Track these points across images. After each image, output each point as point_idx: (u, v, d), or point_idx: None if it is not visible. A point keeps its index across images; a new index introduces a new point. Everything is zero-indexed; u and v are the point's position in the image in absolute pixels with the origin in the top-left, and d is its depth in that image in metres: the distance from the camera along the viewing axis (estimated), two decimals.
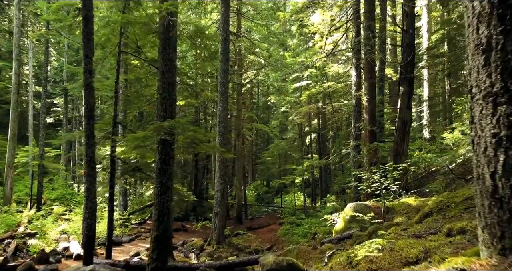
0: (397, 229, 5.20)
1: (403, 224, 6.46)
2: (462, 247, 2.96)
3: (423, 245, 3.34)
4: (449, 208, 5.33)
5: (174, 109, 7.09)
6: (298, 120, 25.51)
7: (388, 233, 5.03)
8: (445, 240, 3.40)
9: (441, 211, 5.38)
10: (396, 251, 3.40)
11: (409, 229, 4.95)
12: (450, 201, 5.48)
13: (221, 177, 14.30)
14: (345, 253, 4.52)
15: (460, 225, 3.55)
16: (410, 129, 12.47)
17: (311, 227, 16.62)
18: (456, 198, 5.45)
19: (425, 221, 5.26)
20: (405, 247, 3.50)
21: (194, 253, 12.95)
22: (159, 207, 6.77)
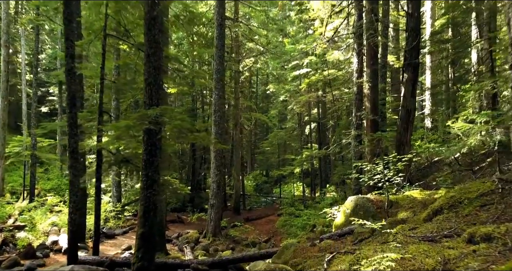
0: (404, 227, 4.69)
1: (410, 221, 5.95)
2: (492, 261, 2.45)
3: (439, 253, 2.83)
4: (461, 205, 4.81)
5: (160, 96, 6.52)
6: (297, 109, 24.91)
7: (395, 233, 4.51)
8: (467, 248, 2.88)
9: (452, 208, 4.86)
10: (407, 260, 2.89)
11: (418, 228, 4.44)
12: (463, 196, 4.96)
13: (217, 168, 13.80)
14: (347, 258, 4.01)
15: (485, 230, 3.02)
16: (414, 119, 11.91)
17: (310, 219, 16.19)
18: (469, 194, 4.93)
19: (435, 219, 4.74)
20: (418, 254, 2.99)
21: (189, 246, 12.52)
22: (145, 202, 6.25)
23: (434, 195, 7.47)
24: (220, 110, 13.89)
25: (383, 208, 7.76)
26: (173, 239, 13.39)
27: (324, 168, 25.87)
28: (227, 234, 14.67)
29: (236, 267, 7.98)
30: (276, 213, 20.27)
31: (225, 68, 16.18)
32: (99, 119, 8.52)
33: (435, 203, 5.36)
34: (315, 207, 17.51)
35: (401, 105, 11.97)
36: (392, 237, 4.52)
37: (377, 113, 12.01)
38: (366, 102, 12.27)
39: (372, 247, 4.09)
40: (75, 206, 7.55)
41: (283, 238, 15.51)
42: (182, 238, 13.44)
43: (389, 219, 6.48)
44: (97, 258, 7.90)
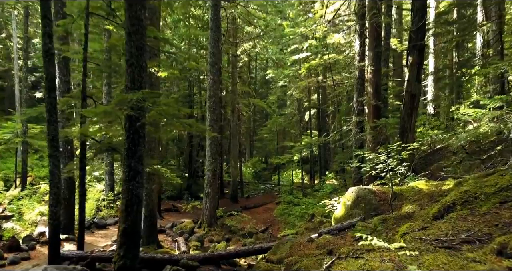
0: (413, 227, 4.15)
1: (417, 217, 5.43)
2: None
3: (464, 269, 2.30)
4: (477, 201, 4.27)
5: (144, 79, 5.91)
6: (297, 95, 24.26)
7: (402, 234, 3.98)
8: (498, 262, 2.35)
9: (467, 204, 4.33)
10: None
11: (429, 228, 3.90)
12: (478, 191, 4.42)
13: (212, 156, 13.26)
14: (348, 266, 3.49)
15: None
16: (419, 104, 11.31)
17: (309, 208, 15.76)
18: (486, 188, 4.39)
19: (448, 217, 4.20)
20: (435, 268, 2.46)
21: (183, 237, 12.08)
22: (127, 195, 5.72)
23: (441, 187, 6.95)
24: (215, 96, 13.27)
25: (386, 200, 7.25)
26: (167, 229, 12.95)
27: (324, 154, 25.37)
28: (223, 224, 14.23)
29: (230, 262, 7.52)
30: (274, 201, 19.85)
31: (221, 51, 15.47)
32: (82, 105, 7.93)
33: (447, 198, 4.82)
34: (314, 196, 17.06)
35: (405, 90, 11.35)
36: (399, 237, 3.99)
37: (379, 99, 11.40)
38: (368, 87, 11.65)
39: (378, 253, 3.56)
40: (56, 198, 7.02)
41: (281, 228, 15.10)
42: (176, 228, 13.00)
43: (394, 214, 5.96)
44: (80, 253, 7.43)
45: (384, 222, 5.77)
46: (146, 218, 10.26)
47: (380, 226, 5.70)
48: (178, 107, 5.96)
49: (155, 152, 10.41)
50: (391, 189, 6.83)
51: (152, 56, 10.08)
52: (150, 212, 10.29)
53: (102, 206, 14.40)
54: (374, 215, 7.05)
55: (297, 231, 12.72)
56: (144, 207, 10.29)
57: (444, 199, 4.91)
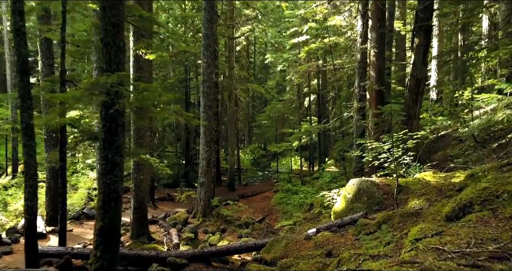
0: (425, 231, 3.57)
1: (426, 215, 4.86)
2: None
3: None
4: (499, 200, 3.70)
5: (122, 61, 5.26)
6: (296, 80, 23.48)
7: (413, 240, 3.41)
8: None
9: (487, 204, 3.75)
10: None
11: (445, 233, 3.32)
12: (500, 188, 3.83)
13: (207, 144, 12.67)
14: None
15: None
16: (424, 89, 10.66)
17: (307, 197, 15.26)
18: (509, 185, 3.81)
19: (465, 219, 3.62)
20: None
21: (176, 228, 11.60)
22: (104, 190, 5.14)
23: (451, 179, 6.38)
24: (210, 80, 12.59)
25: (390, 193, 6.69)
26: (160, 220, 12.45)
27: (324, 141, 24.80)
28: (218, 214, 13.74)
29: (221, 259, 7.01)
30: (272, 189, 19.35)
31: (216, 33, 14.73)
32: (61, 89, 7.29)
33: (462, 195, 4.24)
34: (313, 184, 16.56)
35: (410, 74, 10.69)
36: (409, 244, 3.42)
37: (383, 83, 10.75)
38: (371, 71, 10.98)
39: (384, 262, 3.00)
40: (32, 191, 6.45)
41: (279, 217, 14.64)
42: (169, 219, 12.50)
43: (400, 210, 5.39)
44: (61, 249, 6.92)
45: (389, 219, 5.21)
46: (135, 210, 9.76)
47: (385, 225, 5.14)
48: (160, 93, 5.32)
49: (144, 140, 9.81)
50: (396, 182, 6.26)
51: (139, 37, 9.39)
52: (140, 203, 9.77)
53: (94, 195, 13.87)
54: (377, 209, 6.51)
55: (295, 221, 12.25)
56: (133, 198, 9.79)
57: (458, 196, 4.33)
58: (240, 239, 11.68)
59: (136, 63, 9.63)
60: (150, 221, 12.29)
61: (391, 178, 7.20)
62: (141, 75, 9.62)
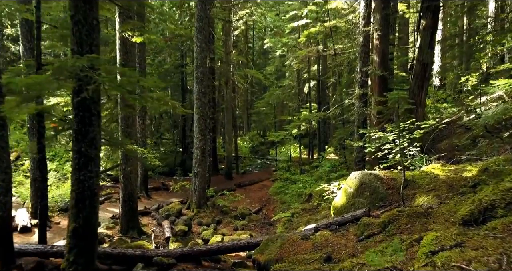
0: (441, 240, 3.04)
1: (438, 217, 4.33)
2: None
3: None
4: None
5: (96, 43, 4.65)
6: (295, 65, 22.74)
7: (428, 254, 2.88)
8: None
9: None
10: None
11: (466, 245, 2.79)
12: None
13: (201, 132, 12.11)
14: None
15: None
16: (430, 75, 10.03)
17: (306, 186, 14.81)
18: None
19: (489, 227, 3.09)
20: None
21: (169, 220, 11.15)
22: (77, 187, 4.61)
23: (462, 173, 5.84)
24: (203, 66, 11.94)
25: (395, 188, 6.16)
26: (152, 212, 11.98)
27: (323, 128, 24.24)
28: (214, 204, 13.29)
29: (213, 258, 6.53)
30: (270, 178, 18.89)
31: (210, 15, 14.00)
32: (37, 74, 6.67)
33: (481, 195, 3.70)
34: (312, 173, 16.07)
35: (415, 58, 10.06)
36: (423, 257, 2.90)
37: (387, 69, 10.12)
38: (374, 55, 10.33)
39: None
40: (6, 186, 5.91)
41: (276, 208, 14.19)
42: (162, 210, 12.04)
43: (407, 209, 4.86)
44: (40, 248, 6.42)
45: (395, 219, 4.69)
46: (124, 203, 9.27)
47: (391, 226, 4.62)
48: (138, 78, 4.72)
49: (132, 130, 9.25)
50: (403, 176, 5.71)
51: (125, 19, 8.72)
52: (129, 195, 9.27)
53: None
54: (381, 206, 5.99)
55: (293, 212, 11.79)
56: (121, 190, 9.29)
57: (476, 197, 3.79)
58: (235, 231, 11.25)
59: (122, 47, 8.98)
60: (142, 213, 11.86)
61: (396, 171, 6.67)
62: (128, 59, 8.99)
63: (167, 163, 22.69)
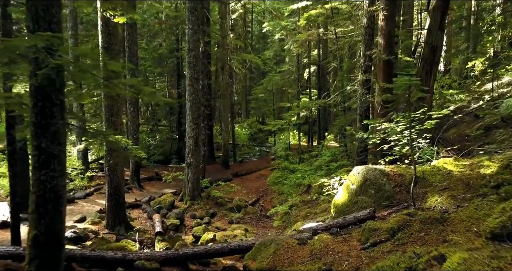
0: (470, 265, 2.42)
1: (458, 225, 3.70)
2: None
3: None
4: None
5: (58, 20, 3.93)
6: (295, 49, 21.85)
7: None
8: None
9: None
10: None
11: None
12: None
13: (194, 120, 11.43)
14: None
15: None
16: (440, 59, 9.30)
17: (305, 176, 14.21)
18: None
19: None
20: None
21: (160, 213, 10.58)
22: (37, 189, 3.96)
23: (478, 169, 5.20)
24: (196, 49, 11.17)
25: (403, 186, 5.53)
26: (143, 204, 11.39)
27: (323, 115, 23.56)
28: (209, 195, 12.72)
29: (201, 262, 5.95)
30: (268, 166, 18.31)
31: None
32: None
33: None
34: (311, 163, 15.45)
35: (424, 41, 9.31)
36: None
37: (392, 52, 9.37)
38: (379, 38, 9.56)
39: None
40: None
41: (274, 199, 13.63)
42: (154, 202, 11.45)
43: (419, 213, 4.23)
44: (11, 250, 5.83)
45: (406, 225, 4.07)
46: (110, 196, 8.66)
47: (401, 233, 4.01)
48: (105, 61, 4.02)
49: (118, 118, 8.57)
50: (413, 172, 5.07)
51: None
52: (115, 189, 8.65)
53: (73, 176, 12.78)
54: (388, 205, 5.37)
55: (291, 205, 11.23)
56: (107, 184, 8.67)
57: (508, 204, 3.14)
58: (230, 225, 10.69)
59: (105, 28, 8.22)
60: (132, 205, 11.30)
61: (403, 166, 6.02)
62: (112, 42, 8.25)
63: (163, 151, 22.09)
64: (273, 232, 10.08)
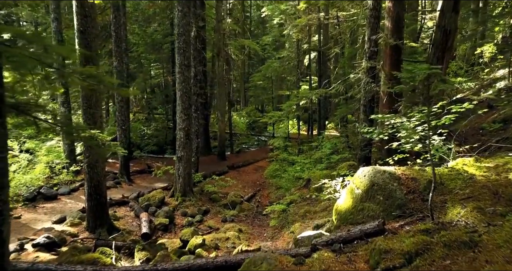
0: None
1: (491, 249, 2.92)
2: None
3: None
4: None
5: None
6: (294, 35, 20.83)
7: None
8: None
9: None
10: None
11: None
12: None
13: (184, 111, 10.61)
14: None
15: None
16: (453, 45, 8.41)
17: (304, 169, 13.46)
18: None
19: None
20: None
21: (149, 211, 9.88)
22: None
23: (506, 173, 4.42)
24: (186, 34, 10.26)
25: (417, 192, 4.75)
26: (131, 201, 10.64)
27: (324, 103, 22.67)
28: (202, 190, 12.00)
29: None
30: (267, 157, 17.58)
31: None
32: None
33: None
34: (311, 155, 14.68)
35: (436, 24, 8.41)
36: None
37: (401, 37, 8.48)
38: (386, 21, 8.65)
39: None
40: None
41: (271, 193, 12.92)
42: (143, 199, 10.72)
43: (443, 235, 3.45)
44: None
45: (426, 249, 3.31)
46: (90, 196, 7.92)
47: (419, 259, 3.24)
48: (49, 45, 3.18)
49: (97, 110, 7.76)
50: (433, 177, 4.28)
51: None
52: (95, 188, 7.90)
53: (58, 170, 12.02)
54: (399, 216, 4.61)
55: (289, 202, 10.52)
56: (86, 183, 7.92)
57: None
58: (224, 224, 10.01)
59: (80, 10, 7.33)
60: (119, 202, 10.59)
61: (416, 168, 5.22)
62: (88, 25, 7.37)
63: (157, 141, 21.29)
64: (270, 232, 9.38)
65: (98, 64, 7.72)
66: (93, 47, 7.51)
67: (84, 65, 7.47)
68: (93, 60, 7.52)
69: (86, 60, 7.44)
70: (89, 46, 7.43)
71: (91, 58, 7.48)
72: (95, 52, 7.57)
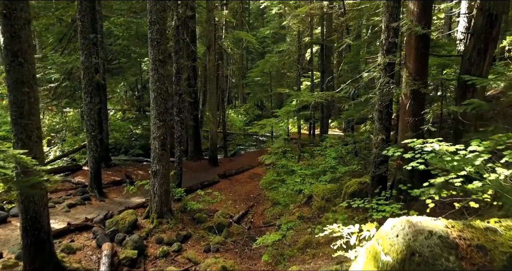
0: None
1: None
2: None
3: None
4: None
5: None
6: (295, 26, 18.86)
7: None
8: None
9: None
10: None
11: None
12: None
13: (159, 116, 8.75)
14: None
15: None
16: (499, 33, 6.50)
17: (305, 182, 11.60)
18: None
19: None
20: None
21: (115, 240, 8.08)
22: None
23: None
24: (160, 22, 8.36)
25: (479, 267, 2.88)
26: (95, 225, 8.78)
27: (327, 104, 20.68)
28: (184, 208, 10.20)
29: None
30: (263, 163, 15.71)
31: None
32: None
33: None
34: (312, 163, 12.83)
35: (476, 8, 6.49)
36: None
37: (429, 23, 6.58)
38: (410, 3, 6.73)
39: None
40: None
41: (266, 211, 11.09)
42: (109, 222, 8.85)
43: None
44: None
45: None
46: (26, 232, 6.10)
47: None
48: None
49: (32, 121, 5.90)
50: None
51: None
52: (33, 221, 6.06)
53: None
54: None
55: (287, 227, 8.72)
56: (20, 214, 6.08)
57: None
58: (206, 254, 8.21)
59: None
60: (80, 227, 8.75)
61: (481, 226, 3.35)
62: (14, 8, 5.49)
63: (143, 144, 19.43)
64: (262, 268, 7.58)
65: (33, 59, 5.85)
66: (23, 37, 5.64)
67: (11, 60, 5.65)
68: (23, 55, 5.67)
69: (14, 54, 5.60)
70: (17, 35, 5.57)
71: (21, 51, 5.63)
72: (26, 44, 5.70)
